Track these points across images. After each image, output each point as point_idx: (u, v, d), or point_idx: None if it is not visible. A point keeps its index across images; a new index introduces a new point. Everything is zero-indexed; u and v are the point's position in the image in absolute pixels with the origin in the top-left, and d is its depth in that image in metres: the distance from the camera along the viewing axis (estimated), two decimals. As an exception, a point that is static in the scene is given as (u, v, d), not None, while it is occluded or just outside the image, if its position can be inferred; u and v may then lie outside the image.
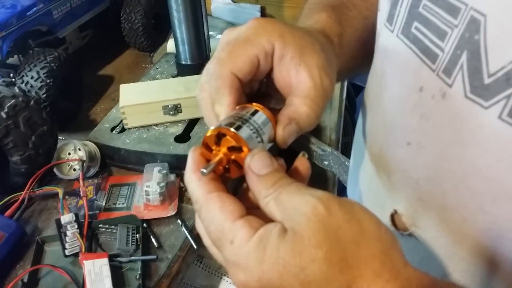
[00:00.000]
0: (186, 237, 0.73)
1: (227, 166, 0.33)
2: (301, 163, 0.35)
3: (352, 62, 0.52)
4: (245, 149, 0.32)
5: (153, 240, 0.72)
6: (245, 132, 0.33)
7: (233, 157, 0.32)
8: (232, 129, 0.32)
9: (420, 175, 0.41)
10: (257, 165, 0.31)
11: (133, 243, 0.70)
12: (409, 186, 0.43)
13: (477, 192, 0.36)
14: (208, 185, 0.32)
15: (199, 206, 0.32)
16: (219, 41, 0.38)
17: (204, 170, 0.31)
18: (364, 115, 0.54)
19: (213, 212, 0.31)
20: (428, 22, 0.37)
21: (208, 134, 0.33)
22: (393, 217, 0.47)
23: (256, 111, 0.35)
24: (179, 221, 0.75)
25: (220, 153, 0.33)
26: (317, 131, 1.39)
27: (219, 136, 0.33)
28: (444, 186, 0.39)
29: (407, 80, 0.41)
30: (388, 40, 0.44)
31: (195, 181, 0.32)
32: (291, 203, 0.29)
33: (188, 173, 0.33)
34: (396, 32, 0.42)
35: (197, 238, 0.72)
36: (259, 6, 1.25)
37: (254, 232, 0.29)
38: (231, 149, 0.32)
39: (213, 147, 0.33)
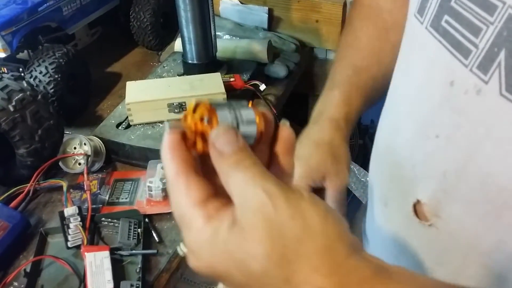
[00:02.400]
0: (187, 233, 0.73)
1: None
2: (283, 131, 0.35)
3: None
4: (214, 123, 0.31)
5: (154, 235, 0.73)
6: (222, 111, 0.32)
7: (201, 128, 0.32)
8: (210, 104, 0.32)
9: (447, 168, 0.42)
10: (221, 142, 0.31)
11: (134, 237, 0.71)
12: (435, 177, 0.43)
13: (504, 188, 0.36)
14: (179, 165, 0.32)
15: (169, 187, 0.32)
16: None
17: (167, 124, 0.31)
18: (389, 105, 0.55)
19: (178, 195, 0.31)
20: (460, 16, 0.37)
21: (189, 105, 0.32)
22: (415, 206, 0.47)
23: (249, 108, 0.34)
24: (180, 217, 0.75)
25: (192, 119, 0.32)
26: (322, 133, 1.39)
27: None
28: (471, 180, 0.39)
29: (435, 73, 0.41)
30: (416, 32, 0.44)
31: (168, 160, 0.32)
32: (244, 192, 0.29)
33: (163, 149, 0.33)
34: (426, 24, 0.42)
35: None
36: (267, 8, 1.25)
37: (209, 221, 0.30)
38: (203, 121, 0.32)
39: (189, 117, 0.33)
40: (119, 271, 0.66)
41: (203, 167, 0.33)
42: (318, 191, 0.61)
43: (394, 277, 0.28)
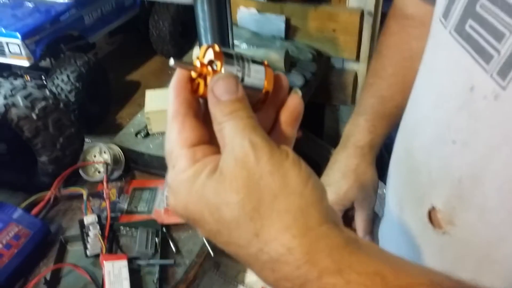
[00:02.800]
0: (204, 244, 0.74)
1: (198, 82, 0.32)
2: (292, 99, 0.34)
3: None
4: (218, 68, 0.31)
5: (171, 245, 0.73)
6: (230, 58, 0.31)
7: (205, 71, 0.32)
8: (219, 48, 0.31)
9: (463, 174, 0.41)
10: (219, 89, 0.30)
11: (152, 246, 0.72)
12: (450, 183, 0.43)
13: None
14: (180, 105, 0.32)
15: (167, 123, 0.33)
16: None
17: (172, 62, 0.31)
18: (410, 108, 0.56)
19: (171, 133, 0.32)
20: (484, 21, 0.37)
21: (201, 48, 0.32)
22: (430, 213, 0.47)
23: (261, 65, 0.33)
24: (197, 227, 0.76)
25: (198, 61, 0.32)
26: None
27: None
28: (486, 186, 0.39)
29: (457, 78, 0.41)
30: (441, 36, 0.45)
31: (171, 98, 0.32)
32: (232, 141, 0.30)
33: (170, 86, 0.33)
34: (450, 29, 0.42)
35: (215, 245, 0.73)
36: (284, 17, 1.26)
37: (193, 163, 0.30)
38: (210, 64, 0.31)
39: (197, 60, 0.32)
40: (136, 281, 0.67)
41: (206, 112, 0.32)
42: (349, 210, 0.68)
43: (363, 248, 0.28)
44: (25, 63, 0.95)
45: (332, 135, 1.42)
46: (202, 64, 0.32)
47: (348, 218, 0.70)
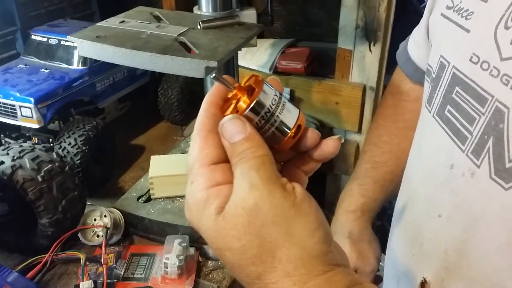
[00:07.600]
0: (201, 315, 0.72)
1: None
2: (311, 134, 0.35)
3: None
4: (255, 95, 0.31)
5: (167, 314, 0.71)
6: (270, 90, 0.32)
7: (239, 95, 0.32)
8: (262, 79, 0.32)
9: (449, 246, 0.44)
10: (227, 132, 0.31)
11: (147, 316, 0.70)
12: (438, 255, 0.45)
13: (499, 268, 0.38)
14: (207, 120, 0.33)
15: (193, 135, 0.33)
16: None
17: (213, 74, 0.32)
18: (404, 184, 0.59)
19: (194, 148, 0.32)
20: (459, 107, 0.42)
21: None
22: (423, 285, 0.48)
23: (296, 110, 0.33)
24: (195, 296, 0.74)
25: (237, 84, 0.33)
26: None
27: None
28: (470, 258, 0.41)
29: (440, 157, 0.45)
30: (426, 119, 0.50)
31: (201, 111, 0.33)
32: (237, 183, 0.30)
33: (204, 99, 0.34)
34: (433, 113, 0.47)
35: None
36: (289, 89, 1.30)
37: (211, 185, 0.31)
38: (247, 90, 0.32)
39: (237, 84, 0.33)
40: None
41: None
42: None
43: None
44: (35, 126, 0.97)
45: (334, 203, 1.41)
46: (240, 88, 0.33)
47: None
